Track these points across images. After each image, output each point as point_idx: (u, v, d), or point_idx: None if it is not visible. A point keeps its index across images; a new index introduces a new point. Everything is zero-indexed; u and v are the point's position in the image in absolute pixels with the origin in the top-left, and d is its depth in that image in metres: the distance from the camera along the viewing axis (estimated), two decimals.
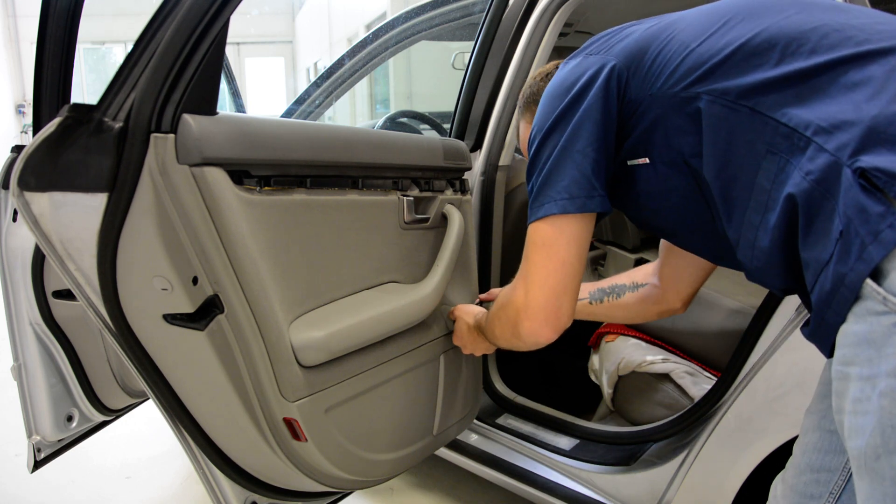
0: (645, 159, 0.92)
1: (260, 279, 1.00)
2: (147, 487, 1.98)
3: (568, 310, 0.97)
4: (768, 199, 0.76)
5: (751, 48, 0.80)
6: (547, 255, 0.95)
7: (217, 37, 0.89)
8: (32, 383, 1.52)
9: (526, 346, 1.04)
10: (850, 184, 0.65)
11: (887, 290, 0.61)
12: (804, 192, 0.70)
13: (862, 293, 0.64)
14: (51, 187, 0.89)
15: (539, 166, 0.96)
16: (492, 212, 1.66)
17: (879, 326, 0.62)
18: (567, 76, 0.96)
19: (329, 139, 1.13)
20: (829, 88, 0.72)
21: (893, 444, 0.62)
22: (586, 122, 0.91)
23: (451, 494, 1.91)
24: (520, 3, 1.68)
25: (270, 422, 1.06)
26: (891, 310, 0.61)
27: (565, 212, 0.92)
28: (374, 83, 9.59)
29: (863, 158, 0.65)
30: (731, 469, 1.25)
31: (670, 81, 0.86)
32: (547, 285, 0.96)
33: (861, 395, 0.65)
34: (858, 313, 0.65)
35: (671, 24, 0.92)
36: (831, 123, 0.69)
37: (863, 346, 0.64)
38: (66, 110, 0.87)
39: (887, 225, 0.62)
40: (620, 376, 1.70)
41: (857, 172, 0.64)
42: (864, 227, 0.63)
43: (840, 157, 0.67)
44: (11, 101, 13.55)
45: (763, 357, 1.21)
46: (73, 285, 0.98)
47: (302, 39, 14.63)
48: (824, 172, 0.68)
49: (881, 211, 0.62)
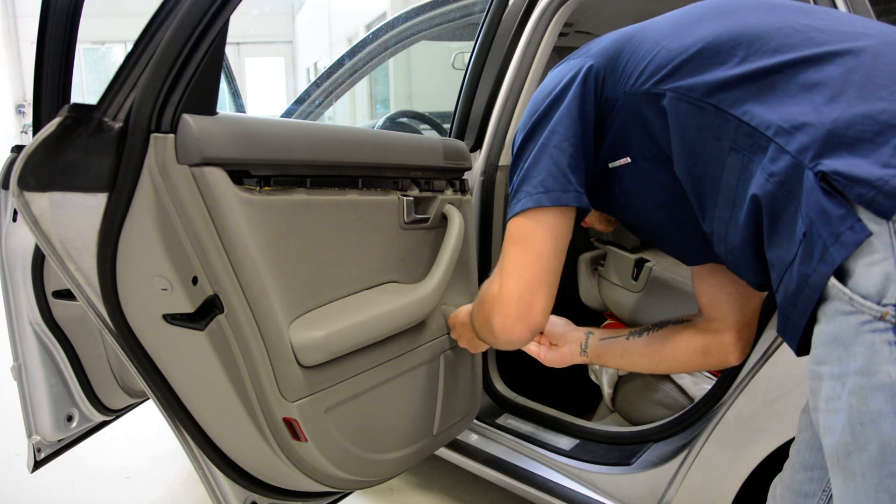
0: (626, 159, 0.93)
1: (260, 279, 1.00)
2: (147, 488, 1.98)
3: (542, 307, 0.95)
4: (735, 195, 0.78)
5: (716, 46, 0.81)
6: (522, 249, 0.94)
7: (217, 37, 0.89)
8: (32, 383, 1.52)
9: (500, 342, 1.01)
10: (812, 186, 0.66)
11: (852, 290, 0.63)
12: (768, 194, 0.71)
13: (829, 294, 0.66)
14: (51, 187, 0.89)
15: (519, 166, 0.96)
16: (492, 212, 1.66)
17: (847, 326, 0.64)
18: (550, 80, 0.98)
19: (329, 139, 1.13)
20: (788, 87, 0.73)
21: (863, 442, 0.63)
22: (564, 118, 0.92)
23: (451, 494, 1.91)
24: (520, 3, 1.68)
25: (270, 422, 1.06)
26: (857, 309, 0.63)
27: (540, 205, 0.91)
28: (374, 83, 9.58)
29: (824, 162, 0.66)
30: (731, 469, 1.25)
31: (641, 79, 0.87)
32: (521, 279, 0.94)
33: (832, 394, 0.66)
34: (828, 313, 0.67)
35: (646, 26, 0.94)
36: (791, 125, 0.70)
37: (833, 346, 0.66)
38: (66, 110, 0.87)
39: (847, 227, 0.63)
40: (620, 376, 1.70)
41: (818, 176, 0.66)
42: (826, 230, 0.65)
43: (802, 160, 0.68)
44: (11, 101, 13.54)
45: (763, 357, 1.21)
46: (73, 285, 0.98)
47: (302, 39, 14.63)
48: (786, 175, 0.70)
49: (842, 213, 0.64)
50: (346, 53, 2.25)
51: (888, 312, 0.61)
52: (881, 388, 0.61)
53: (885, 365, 0.61)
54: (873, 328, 0.62)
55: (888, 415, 0.61)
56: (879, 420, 0.62)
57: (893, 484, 0.62)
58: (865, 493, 0.64)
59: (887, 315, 0.61)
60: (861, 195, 0.62)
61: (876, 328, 0.62)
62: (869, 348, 0.62)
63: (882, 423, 0.62)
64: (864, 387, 0.63)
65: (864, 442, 0.63)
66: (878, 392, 0.62)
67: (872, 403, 0.62)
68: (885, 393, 0.61)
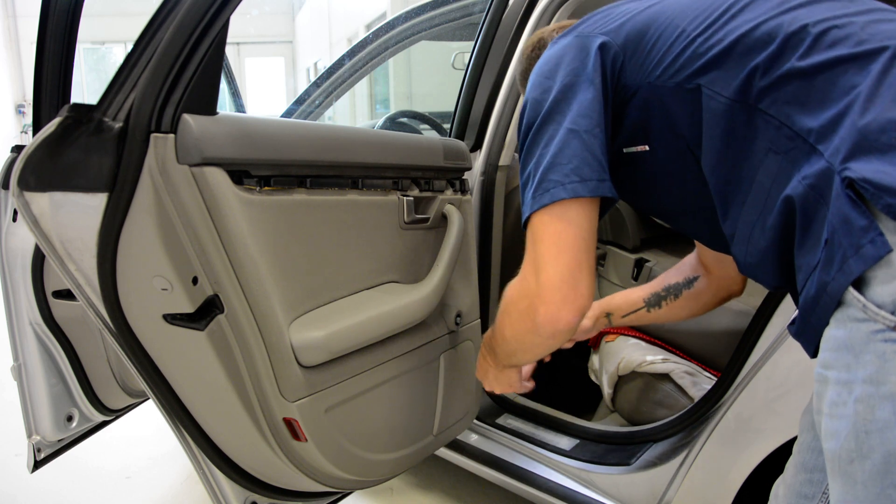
0: (644, 146, 0.90)
1: (260, 279, 1.00)
2: (147, 488, 1.98)
3: (587, 287, 0.87)
4: (767, 197, 0.76)
5: (751, 42, 0.78)
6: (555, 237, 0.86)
7: (217, 37, 0.89)
8: (32, 383, 1.53)
9: (544, 338, 0.92)
10: (839, 193, 0.65)
11: (868, 299, 0.62)
12: (801, 196, 0.70)
13: (844, 299, 0.65)
14: (51, 187, 0.89)
15: (538, 151, 0.89)
16: (492, 212, 1.66)
17: (858, 333, 0.63)
18: (560, 55, 0.92)
19: (329, 139, 1.13)
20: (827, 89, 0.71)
21: (867, 450, 0.63)
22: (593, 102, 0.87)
23: (451, 494, 1.91)
24: (520, 3, 1.68)
25: (270, 422, 1.06)
26: (870, 317, 0.62)
27: (577, 195, 0.84)
28: (374, 83, 9.58)
29: (852, 166, 0.64)
30: (731, 469, 1.25)
31: (670, 71, 0.84)
32: (560, 262, 0.86)
33: (838, 399, 0.66)
34: (840, 319, 0.66)
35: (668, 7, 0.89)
36: (828, 128, 0.69)
37: (842, 351, 0.65)
38: (66, 110, 0.87)
39: (869, 240, 0.62)
40: (620, 376, 1.70)
41: (845, 182, 0.65)
42: (847, 239, 0.64)
43: (832, 164, 0.67)
44: (11, 101, 13.54)
45: (763, 357, 1.21)
46: (73, 285, 0.98)
47: (302, 39, 14.63)
48: (818, 178, 0.68)
49: (864, 224, 0.62)
50: (346, 53, 2.26)
51: None
52: (890, 398, 0.61)
53: (894, 375, 0.61)
54: (885, 338, 0.61)
55: (894, 425, 0.61)
56: (886, 430, 0.61)
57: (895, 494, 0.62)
58: (865, 501, 0.64)
59: None
60: (889, 206, 0.61)
61: (888, 338, 0.61)
62: (880, 357, 0.62)
63: (888, 434, 0.61)
64: (872, 395, 0.62)
65: (869, 450, 0.63)
66: (887, 402, 0.61)
67: (879, 413, 0.62)
68: (894, 403, 0.61)
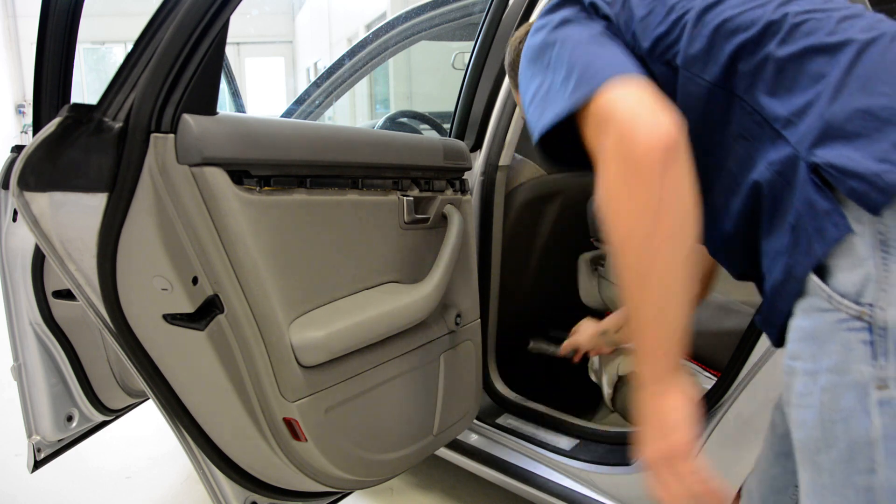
0: None
1: (260, 279, 1.00)
2: (147, 488, 1.98)
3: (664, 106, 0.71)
4: (733, 183, 0.77)
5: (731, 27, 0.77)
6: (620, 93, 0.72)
7: (217, 37, 0.89)
8: (32, 383, 1.53)
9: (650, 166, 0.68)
10: (805, 178, 0.66)
11: (832, 289, 0.64)
12: (768, 182, 0.71)
13: (808, 289, 0.67)
14: (51, 187, 0.89)
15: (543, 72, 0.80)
16: (492, 212, 1.66)
17: (823, 323, 0.65)
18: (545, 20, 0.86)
19: (329, 139, 1.13)
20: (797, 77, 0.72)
21: (832, 439, 0.64)
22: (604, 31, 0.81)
23: (451, 494, 1.91)
24: (520, 3, 1.68)
25: (270, 422, 1.06)
26: (834, 307, 0.63)
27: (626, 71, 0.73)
28: (374, 83, 9.58)
29: (818, 153, 0.66)
30: (731, 469, 1.25)
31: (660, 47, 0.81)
32: (631, 99, 0.71)
33: (804, 390, 0.67)
34: (805, 309, 0.67)
35: None
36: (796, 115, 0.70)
37: (808, 342, 0.67)
38: (66, 110, 0.87)
39: (832, 223, 0.63)
40: (620, 376, 1.69)
41: (810, 167, 0.66)
42: (812, 223, 0.65)
43: (799, 150, 0.68)
44: (11, 101, 13.54)
45: (763, 357, 1.21)
46: (73, 285, 0.98)
47: (302, 39, 14.63)
48: (784, 164, 0.69)
49: (827, 208, 0.64)
50: (346, 53, 2.26)
51: (865, 312, 0.61)
52: (853, 386, 0.62)
53: (858, 364, 0.62)
54: (849, 327, 0.62)
55: (858, 413, 0.62)
56: (849, 418, 0.62)
57: (860, 481, 0.63)
58: (832, 490, 0.65)
59: (865, 314, 0.61)
60: (853, 189, 0.62)
61: (852, 327, 0.62)
62: (844, 346, 0.63)
63: (852, 422, 0.62)
64: (837, 384, 0.63)
65: (834, 439, 0.64)
66: (850, 390, 0.62)
67: (843, 401, 0.63)
68: (857, 391, 0.62)
